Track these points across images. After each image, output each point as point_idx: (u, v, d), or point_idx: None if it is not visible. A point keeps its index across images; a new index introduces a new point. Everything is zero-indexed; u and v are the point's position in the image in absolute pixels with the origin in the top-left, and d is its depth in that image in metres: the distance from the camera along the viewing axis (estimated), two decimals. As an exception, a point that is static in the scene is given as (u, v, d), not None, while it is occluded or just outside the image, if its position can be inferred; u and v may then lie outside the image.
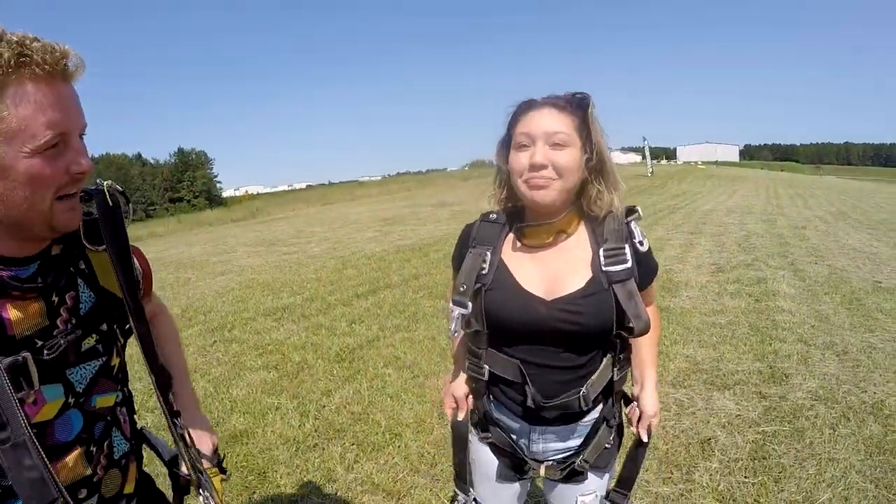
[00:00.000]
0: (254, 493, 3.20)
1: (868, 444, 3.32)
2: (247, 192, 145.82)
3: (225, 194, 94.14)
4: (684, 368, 4.57)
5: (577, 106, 1.40)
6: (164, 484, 1.43)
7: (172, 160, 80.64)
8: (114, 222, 1.13)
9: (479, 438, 1.73)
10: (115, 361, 1.22)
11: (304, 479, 3.31)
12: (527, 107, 1.44)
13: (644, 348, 1.63)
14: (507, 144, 1.48)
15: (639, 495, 2.99)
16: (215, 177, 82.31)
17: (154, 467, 1.67)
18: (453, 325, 1.50)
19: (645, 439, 1.63)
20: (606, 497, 1.70)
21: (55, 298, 1.07)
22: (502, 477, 1.71)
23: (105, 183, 1.15)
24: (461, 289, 1.50)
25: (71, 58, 0.95)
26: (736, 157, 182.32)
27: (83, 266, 1.15)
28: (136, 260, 1.28)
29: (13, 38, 0.88)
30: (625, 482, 1.68)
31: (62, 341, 1.06)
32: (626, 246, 1.43)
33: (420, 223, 16.81)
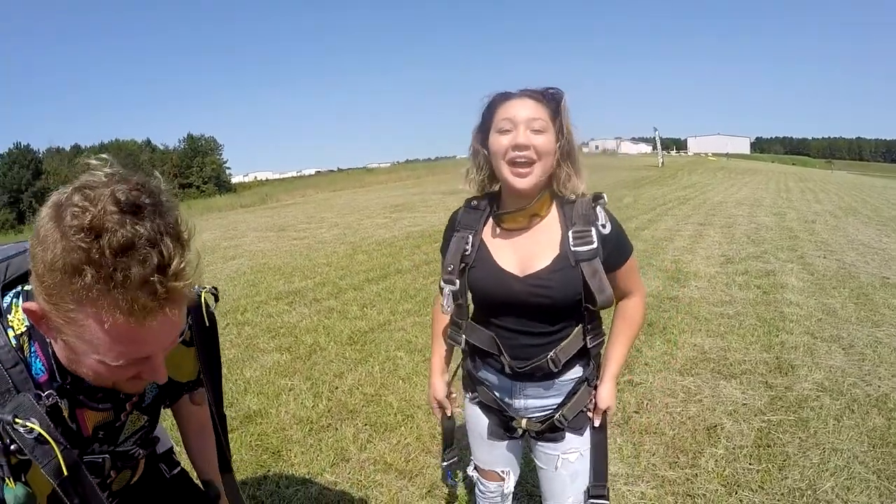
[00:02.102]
0: (268, 471, 3.28)
1: (871, 436, 3.37)
2: (256, 178, 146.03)
3: (234, 180, 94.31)
4: (692, 357, 4.63)
5: (552, 98, 1.55)
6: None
7: (182, 146, 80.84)
8: (210, 340, 1.21)
9: (470, 400, 1.90)
10: (153, 427, 1.30)
11: (318, 457, 3.39)
12: (504, 97, 1.58)
13: (615, 344, 1.76)
14: (484, 129, 1.63)
15: (645, 479, 3.06)
16: (224, 163, 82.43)
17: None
18: (445, 301, 1.69)
19: (597, 424, 1.75)
20: (588, 495, 1.80)
21: (122, 395, 1.13)
22: (493, 435, 1.85)
23: (203, 294, 1.16)
24: (449, 268, 1.68)
25: (176, 292, 0.81)
26: (747, 150, 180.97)
27: None
28: None
29: (113, 243, 0.74)
30: (599, 475, 1.80)
31: (138, 453, 1.19)
32: (592, 229, 1.55)
33: (429, 210, 16.86)
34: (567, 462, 1.77)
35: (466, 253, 1.66)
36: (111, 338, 0.81)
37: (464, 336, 1.74)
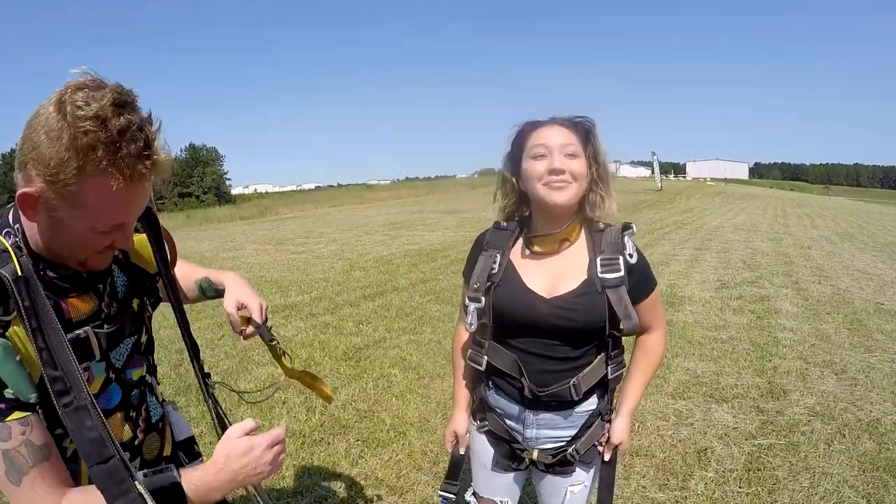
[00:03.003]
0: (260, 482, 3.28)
1: (862, 461, 3.40)
2: (256, 190, 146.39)
3: (234, 192, 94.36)
4: (684, 381, 4.64)
5: (581, 126, 1.60)
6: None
7: (184, 155, 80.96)
8: (150, 214, 1.27)
9: (478, 428, 1.87)
10: (145, 338, 1.33)
11: (310, 471, 3.40)
12: (534, 125, 1.63)
13: (634, 379, 1.78)
14: (514, 158, 1.67)
15: (635, 501, 3.07)
16: (225, 174, 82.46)
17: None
18: (469, 318, 1.67)
19: (606, 458, 1.76)
20: None
21: (100, 286, 1.19)
22: (498, 466, 1.84)
23: None
24: (475, 286, 1.67)
25: (160, 166, 1.01)
26: (745, 175, 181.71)
27: (116, 252, 1.25)
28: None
29: (115, 128, 0.93)
30: (603, 501, 1.79)
31: (114, 311, 1.20)
32: (620, 257, 1.59)
33: (428, 229, 16.92)
34: (571, 493, 1.78)
35: (493, 272, 1.67)
36: (110, 202, 0.99)
37: (485, 357, 1.73)
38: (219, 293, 1.62)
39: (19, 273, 0.98)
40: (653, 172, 48.74)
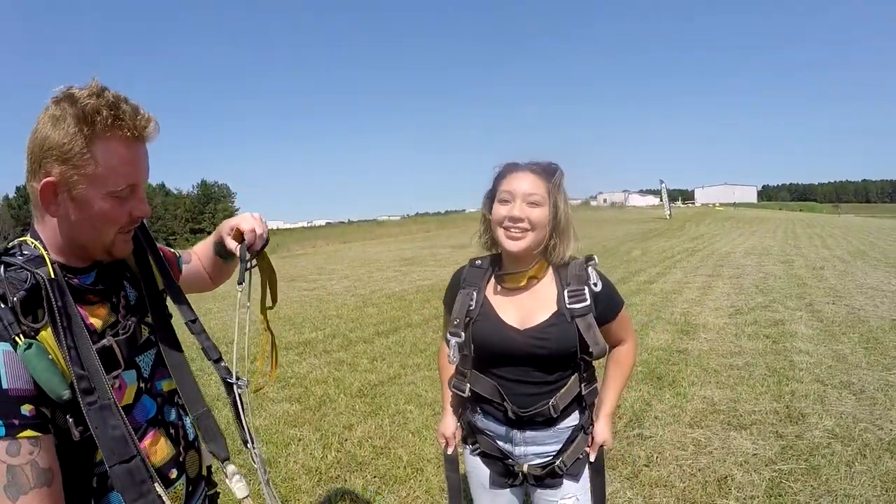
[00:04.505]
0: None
1: (884, 480, 3.36)
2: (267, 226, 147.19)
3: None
4: (702, 409, 4.61)
5: (551, 174, 1.74)
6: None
7: (196, 192, 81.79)
8: (147, 235, 1.39)
9: (471, 451, 1.99)
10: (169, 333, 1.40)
11: (328, 509, 3.39)
12: (510, 169, 1.78)
13: (609, 386, 1.94)
14: (490, 197, 1.82)
15: (656, 530, 3.04)
16: (237, 210, 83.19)
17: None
18: (452, 352, 1.82)
19: (592, 459, 1.88)
20: None
21: (115, 299, 1.26)
22: (495, 484, 1.95)
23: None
24: (455, 322, 1.83)
25: (152, 124, 1.16)
26: (754, 199, 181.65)
27: (125, 270, 1.35)
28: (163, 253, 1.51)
29: (110, 97, 1.09)
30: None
31: (129, 322, 1.26)
32: (585, 287, 1.74)
33: (439, 264, 16.94)
34: None
35: (471, 308, 1.82)
36: (119, 161, 1.11)
37: (468, 385, 1.86)
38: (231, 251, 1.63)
39: (52, 276, 1.07)
40: (661, 200, 48.74)
